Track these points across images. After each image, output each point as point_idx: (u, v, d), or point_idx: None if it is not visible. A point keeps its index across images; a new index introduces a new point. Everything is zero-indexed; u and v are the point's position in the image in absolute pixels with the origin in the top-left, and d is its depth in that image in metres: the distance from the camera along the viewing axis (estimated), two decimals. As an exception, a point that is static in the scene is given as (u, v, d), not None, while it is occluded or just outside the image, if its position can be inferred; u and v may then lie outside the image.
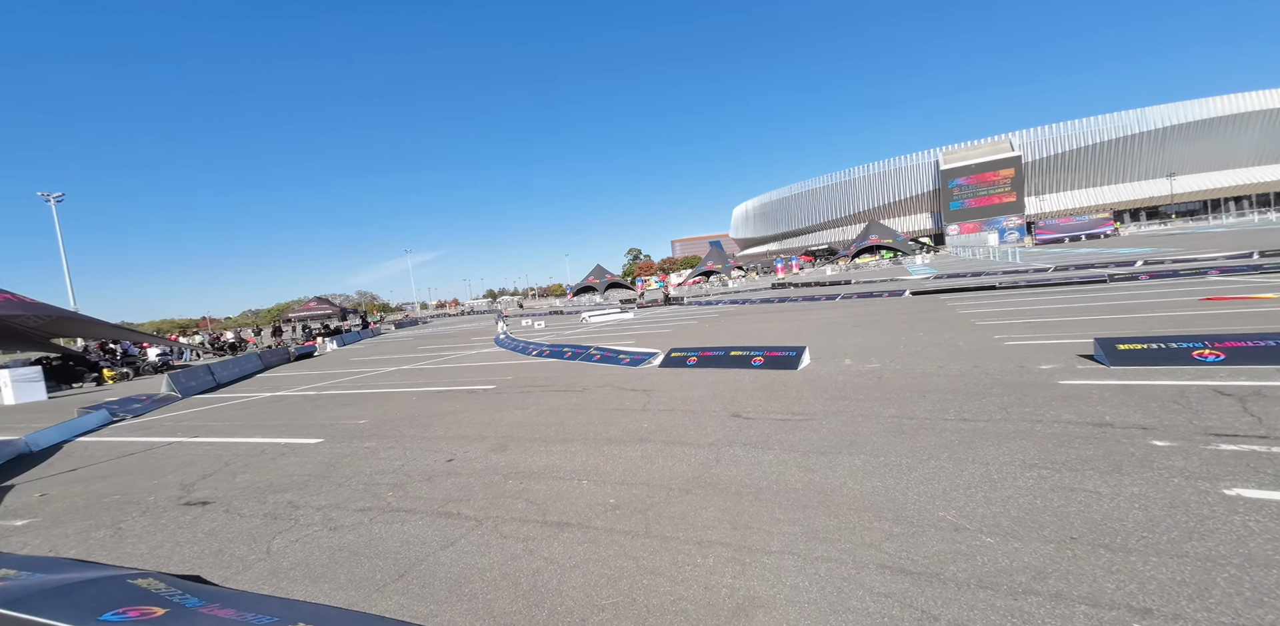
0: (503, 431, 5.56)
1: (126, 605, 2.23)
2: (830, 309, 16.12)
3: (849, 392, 5.53)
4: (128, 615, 2.14)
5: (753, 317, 15.90)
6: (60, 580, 2.54)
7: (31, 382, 12.96)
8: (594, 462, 4.21)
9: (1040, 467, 3.28)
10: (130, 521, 3.86)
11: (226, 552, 3.20)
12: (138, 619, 2.13)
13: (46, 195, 30.00)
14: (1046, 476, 3.16)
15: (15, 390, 12.60)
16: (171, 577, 2.70)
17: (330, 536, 3.33)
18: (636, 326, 17.38)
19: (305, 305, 36.51)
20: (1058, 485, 3.03)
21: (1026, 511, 2.78)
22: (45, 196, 29.97)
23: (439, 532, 3.25)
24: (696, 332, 13.41)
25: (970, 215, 68.10)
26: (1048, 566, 2.31)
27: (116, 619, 2.09)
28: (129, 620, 2.11)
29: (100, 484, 4.93)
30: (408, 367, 12.45)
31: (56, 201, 30.17)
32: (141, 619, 2.14)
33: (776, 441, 4.24)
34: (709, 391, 6.29)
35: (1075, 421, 4.02)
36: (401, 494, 4.00)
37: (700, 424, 4.96)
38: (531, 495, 3.71)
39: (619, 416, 5.62)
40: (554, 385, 7.98)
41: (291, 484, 4.46)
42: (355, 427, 6.46)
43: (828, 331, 10.69)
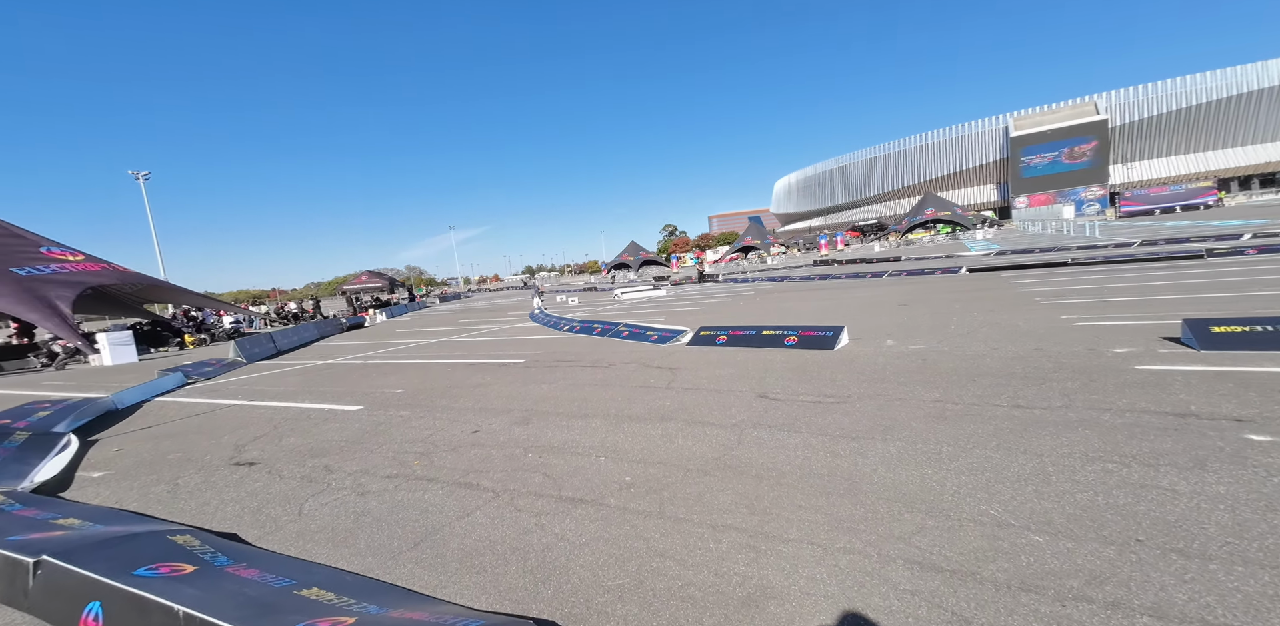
0: (528, 405, 5.59)
1: (161, 561, 2.34)
2: (875, 287, 15.24)
3: (888, 375, 5.15)
4: (159, 571, 2.25)
5: (790, 296, 15.27)
6: (110, 533, 2.73)
7: (124, 345, 14.31)
8: (613, 439, 4.13)
9: (1105, 461, 2.90)
10: (186, 478, 4.14)
11: (263, 513, 3.36)
12: (168, 575, 2.23)
13: (136, 174, 32.50)
14: (1112, 471, 2.78)
15: (112, 352, 13.98)
16: (209, 535, 2.84)
17: (357, 502, 3.43)
18: (668, 304, 17.12)
19: (358, 278, 38.40)
20: (1125, 481, 2.66)
21: (1084, 509, 2.45)
22: (135, 175, 32.48)
23: (457, 503, 3.27)
24: (729, 311, 13.02)
25: (1043, 186, 61.67)
26: (1106, 571, 2.01)
27: (148, 574, 2.19)
28: (160, 575, 2.21)
29: (168, 442, 5.35)
30: (447, 340, 12.84)
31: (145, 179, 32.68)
32: (171, 575, 2.23)
33: (804, 424, 3.99)
34: (736, 371, 6.05)
35: (1152, 411, 3.54)
36: (427, 463, 4.08)
37: (725, 404, 4.76)
38: (549, 469, 3.67)
39: (643, 393, 5.50)
40: (581, 360, 7.97)
41: (330, 448, 4.66)
42: (393, 396, 6.69)
43: (870, 310, 10.07)
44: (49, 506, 3.33)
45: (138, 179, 32.52)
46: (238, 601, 2.03)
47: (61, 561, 2.22)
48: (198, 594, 2.05)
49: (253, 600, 2.07)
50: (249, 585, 2.22)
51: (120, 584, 2.03)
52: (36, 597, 2.22)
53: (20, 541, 2.53)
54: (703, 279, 29.49)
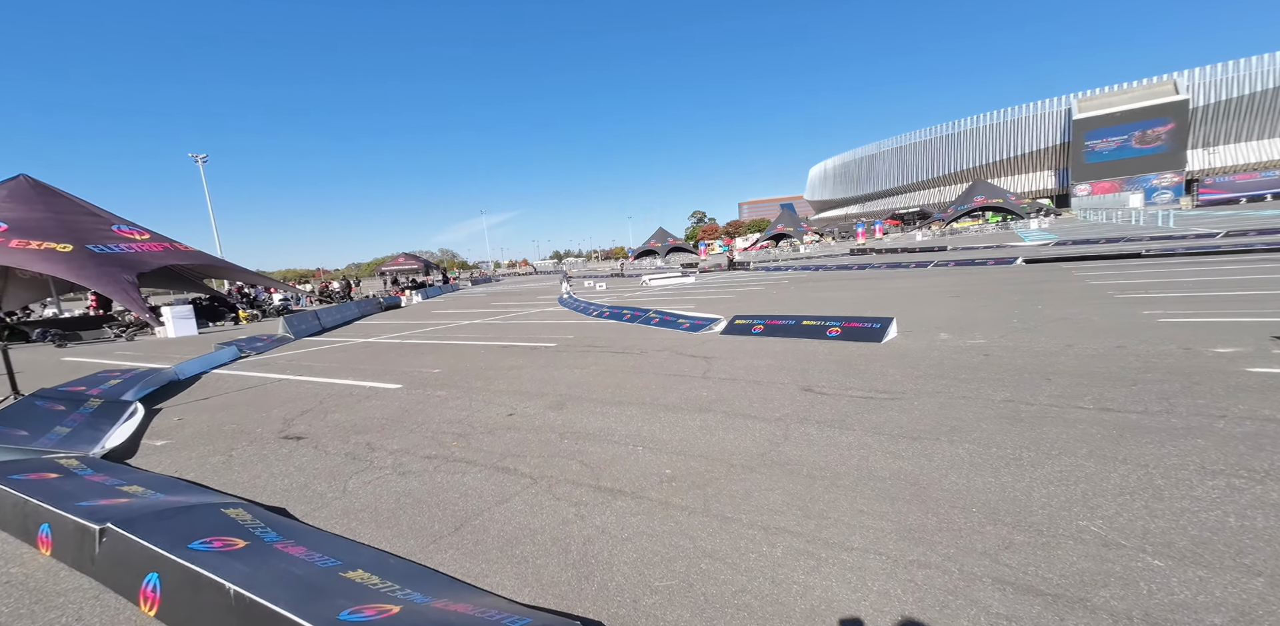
0: (561, 389, 5.53)
1: (214, 535, 2.36)
2: (920, 277, 14.44)
3: (946, 371, 4.79)
4: (213, 545, 2.26)
5: (827, 285, 14.68)
6: (170, 503, 2.80)
7: (186, 319, 15.18)
8: (650, 429, 3.99)
9: (1229, 475, 2.55)
10: (240, 450, 4.28)
11: (310, 488, 3.41)
12: (220, 549, 2.24)
13: (195, 156, 34.19)
14: (1241, 487, 2.44)
15: (175, 325, 14.86)
16: (260, 509, 2.88)
17: (398, 481, 3.44)
18: (697, 291, 16.80)
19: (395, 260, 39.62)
20: (1260, 500, 2.32)
21: (1214, 531, 2.14)
22: (195, 157, 34.18)
23: (495, 487, 3.22)
24: (763, 300, 12.63)
25: (1108, 172, 56.76)
26: (1257, 607, 1.72)
27: (202, 548, 2.21)
28: (213, 550, 2.22)
29: (223, 413, 5.58)
30: (480, 322, 13.01)
31: (203, 162, 34.36)
32: (223, 549, 2.24)
33: (856, 421, 3.74)
34: (775, 362, 5.79)
35: (1278, 419, 3.10)
36: (464, 444, 4.07)
37: (766, 396, 4.54)
38: (586, 457, 3.58)
39: (677, 382, 5.34)
40: (612, 346, 7.87)
41: (372, 426, 4.74)
42: (430, 376, 6.78)
43: (918, 302, 9.51)
44: (117, 472, 3.48)
45: (197, 161, 34.17)
46: (285, 581, 2.01)
47: (124, 530, 2.27)
48: (247, 570, 2.04)
49: (299, 580, 2.04)
50: (296, 563, 2.21)
51: (177, 557, 2.05)
52: (102, 564, 2.28)
53: (89, 507, 2.61)
54: (733, 266, 28.82)
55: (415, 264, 39.13)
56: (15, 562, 2.52)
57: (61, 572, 2.41)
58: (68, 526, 2.40)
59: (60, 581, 2.34)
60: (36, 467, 3.35)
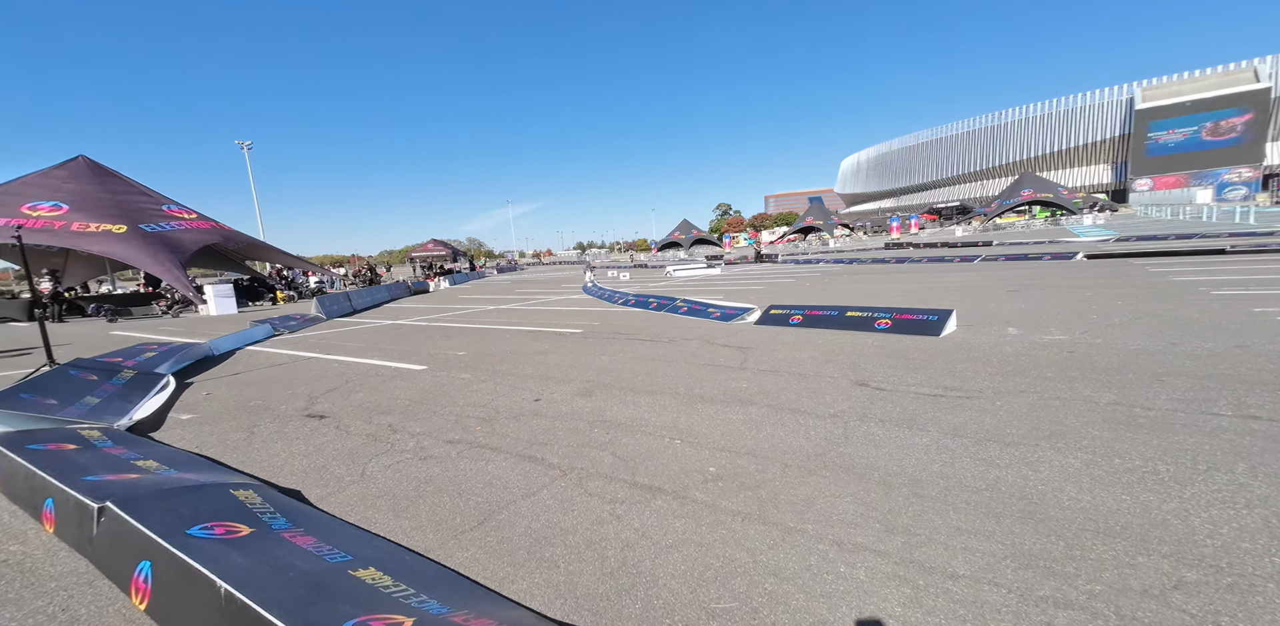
0: (589, 376, 5.23)
1: (218, 519, 2.13)
2: (969, 271, 13.52)
3: (1026, 368, 4.24)
4: (214, 531, 2.03)
5: (864, 278, 13.92)
6: (179, 481, 2.60)
7: (226, 298, 15.63)
8: (687, 421, 3.63)
9: None
10: (262, 427, 4.14)
11: (328, 470, 3.20)
12: (221, 536, 2.00)
13: (241, 143, 35.24)
14: None
15: (216, 303, 15.31)
16: (273, 491, 2.66)
17: (419, 466, 3.19)
18: (724, 282, 16.26)
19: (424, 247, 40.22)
20: None
21: None
22: (240, 144, 35.24)
23: (522, 478, 2.93)
24: (795, 292, 12.04)
25: (1173, 165, 52.19)
26: None
27: (202, 534, 1.98)
28: (214, 537, 1.99)
29: (251, 389, 5.51)
30: (505, 307, 12.89)
31: (248, 149, 35.40)
32: (225, 537, 2.00)
33: (929, 421, 3.28)
34: (820, 354, 5.32)
35: None
36: (489, 429, 3.80)
37: (815, 390, 4.10)
38: (618, 448, 3.25)
39: (712, 372, 4.95)
40: (639, 334, 7.54)
41: (395, 407, 4.54)
42: (455, 359, 6.60)
43: (972, 295, 8.79)
44: (136, 445, 3.35)
45: (243, 148, 35.21)
46: (286, 578, 1.75)
47: (123, 510, 2.06)
48: (247, 564, 1.79)
49: (303, 577, 1.78)
50: (302, 556, 1.95)
51: (171, 546, 1.81)
52: (99, 546, 2.09)
53: (95, 482, 2.44)
54: (760, 259, 27.98)
55: (444, 250, 39.65)
56: (18, 539, 2.37)
57: (60, 553, 2.23)
58: (70, 503, 2.22)
59: (57, 563, 2.16)
60: (57, 438, 3.24)
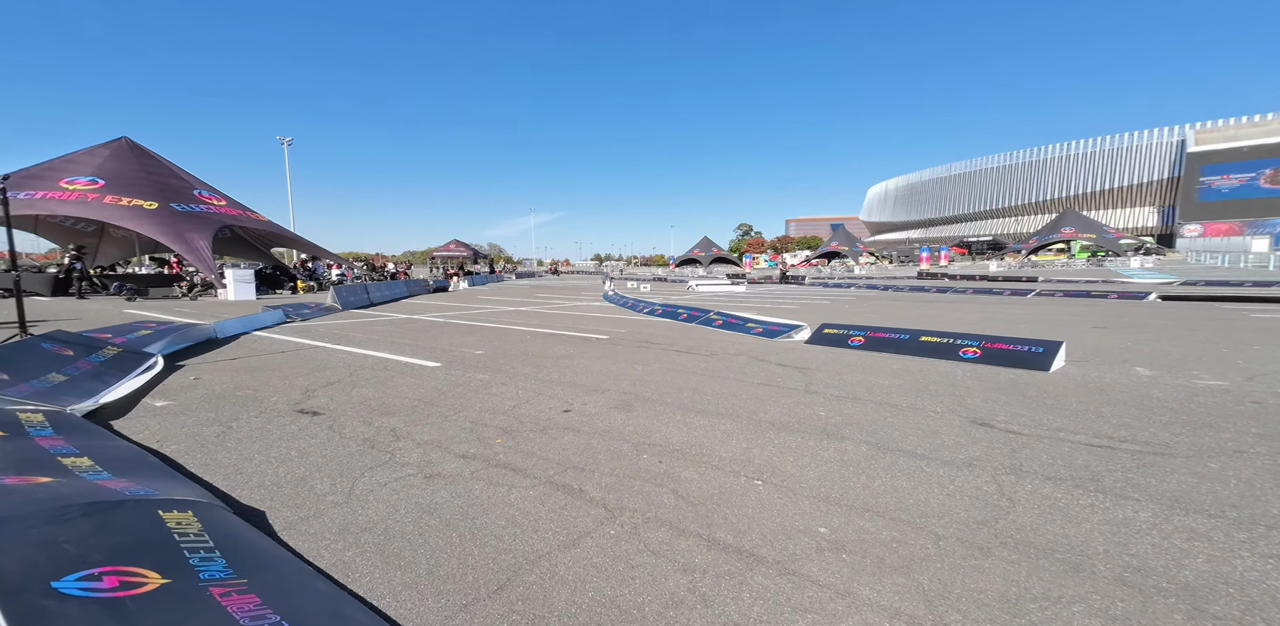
0: (624, 387, 4.49)
1: (117, 562, 1.41)
2: (1026, 305, 12.50)
3: (1213, 420, 3.31)
4: (99, 583, 1.30)
5: (908, 305, 13.00)
6: (98, 493, 1.90)
7: (246, 283, 15.31)
8: (763, 454, 2.85)
9: None
10: (243, 422, 3.46)
11: (307, 484, 2.48)
12: (107, 592, 1.28)
13: (282, 139, 35.97)
14: None
15: (235, 288, 14.98)
16: (223, 513, 1.94)
17: (423, 487, 2.46)
18: (751, 299, 15.48)
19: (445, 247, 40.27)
20: None
21: None
22: (281, 140, 35.97)
23: (556, 517, 2.17)
24: (833, 312, 11.20)
25: (1226, 212, 49.40)
26: None
27: (76, 591, 1.25)
28: (93, 595, 1.26)
29: (245, 376, 4.87)
30: (525, 309, 12.31)
31: (288, 145, 36.12)
32: (113, 594, 1.28)
33: (1125, 484, 2.41)
34: (901, 382, 4.50)
35: None
36: (511, 444, 3.07)
37: (922, 427, 3.28)
38: (679, 485, 2.48)
39: (773, 394, 4.17)
40: (673, 345, 6.81)
41: (401, 407, 3.84)
42: (472, 357, 5.92)
43: (1052, 329, 7.79)
44: (81, 435, 2.68)
45: (283, 144, 35.94)
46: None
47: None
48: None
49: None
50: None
51: (8, 620, 1.09)
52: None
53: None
54: (785, 280, 27.20)
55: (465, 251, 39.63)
56: None
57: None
58: (-76, 518, 1.53)
59: None
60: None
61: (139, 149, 18.14)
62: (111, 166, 16.76)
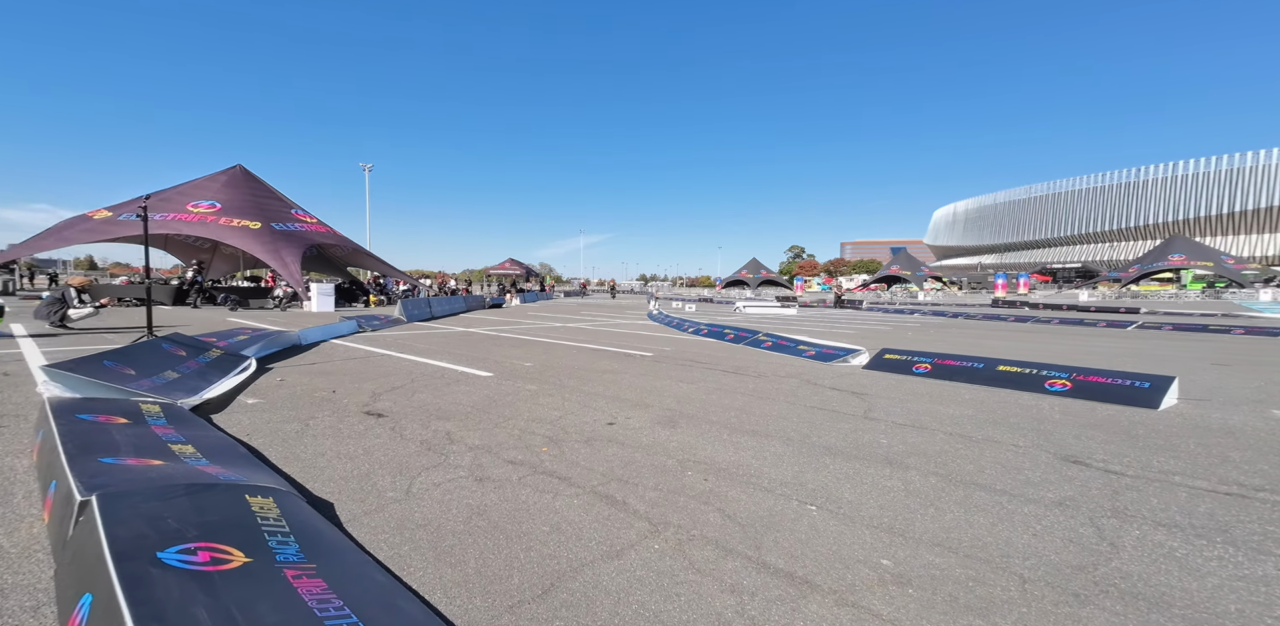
0: (668, 403, 4.44)
1: (210, 539, 1.54)
2: (1127, 338, 11.23)
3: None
4: (195, 557, 1.43)
5: (981, 333, 12.07)
6: (196, 476, 2.10)
7: (326, 296, 16.86)
8: (818, 479, 2.69)
9: None
10: (318, 420, 3.73)
11: (370, 480, 2.62)
12: (200, 566, 1.39)
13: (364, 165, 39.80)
14: None
15: (317, 301, 16.51)
16: (298, 502, 2.08)
17: (474, 490, 2.52)
18: (803, 323, 14.96)
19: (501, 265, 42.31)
20: None
21: None
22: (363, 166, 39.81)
23: (600, 527, 2.15)
24: (895, 339, 10.60)
25: None
26: None
27: (175, 562, 1.38)
28: (189, 566, 1.38)
29: (322, 379, 5.28)
30: (572, 326, 12.60)
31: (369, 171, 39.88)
32: (204, 566, 1.39)
33: (1270, 538, 2.05)
34: (976, 412, 4.14)
35: None
36: (556, 452, 3.09)
37: (1002, 461, 2.98)
38: (726, 504, 2.39)
39: (828, 419, 3.96)
40: (719, 364, 6.68)
41: (456, 412, 4.00)
42: (522, 369, 6.11)
43: (1160, 364, 6.91)
44: (186, 426, 3.00)
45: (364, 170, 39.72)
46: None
47: (102, 510, 1.53)
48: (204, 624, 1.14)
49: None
50: (295, 614, 1.29)
51: (118, 579, 1.21)
52: (67, 555, 1.56)
53: (105, 466, 1.99)
54: (840, 304, 26.08)
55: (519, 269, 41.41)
56: (7, 528, 1.93)
57: (37, 555, 1.75)
58: (64, 490, 1.76)
59: (23, 570, 1.66)
60: (113, 409, 2.96)
61: (249, 175, 20.71)
62: (227, 191, 19.20)
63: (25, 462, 2.60)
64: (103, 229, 17.32)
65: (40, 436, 2.54)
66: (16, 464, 2.59)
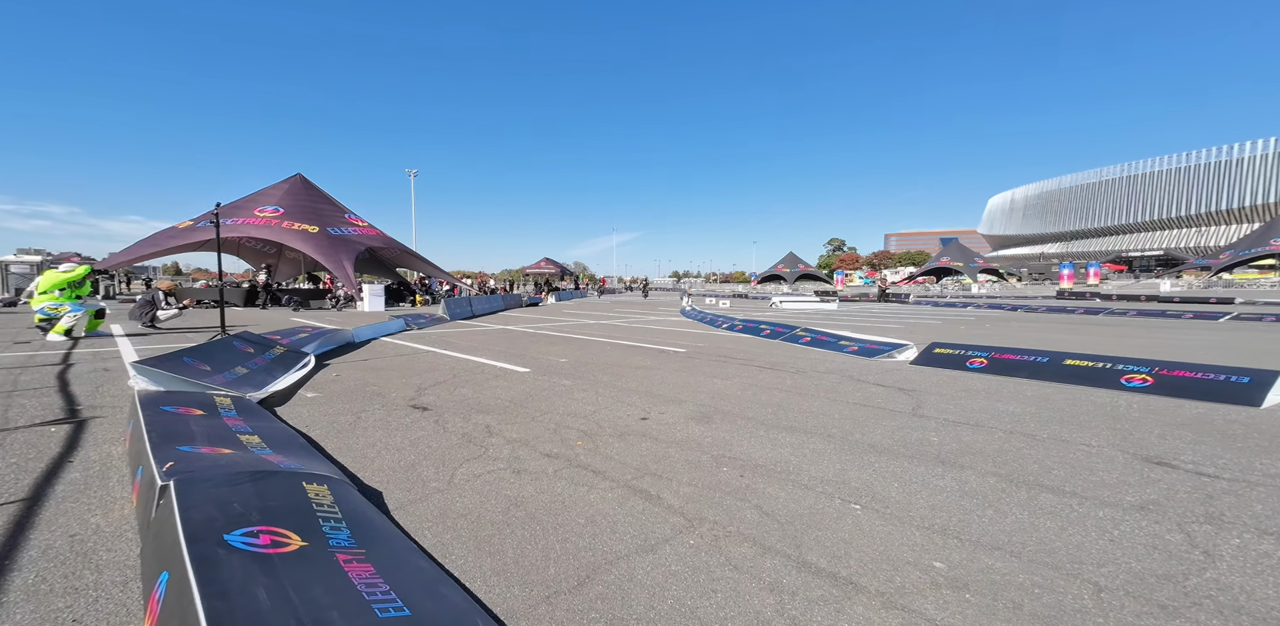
0: (702, 399, 4.38)
1: (270, 523, 1.64)
2: (1216, 331, 10.17)
3: None
4: (258, 540, 1.52)
5: (1045, 327, 11.22)
6: (259, 464, 2.25)
7: (377, 297, 17.88)
8: (862, 477, 2.57)
9: None
10: (369, 413, 3.93)
11: (416, 471, 2.72)
12: (262, 547, 1.49)
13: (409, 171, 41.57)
14: None
15: (369, 301, 17.55)
16: (349, 490, 2.19)
17: (512, 482, 2.57)
18: (844, 318, 14.41)
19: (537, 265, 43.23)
20: None
21: None
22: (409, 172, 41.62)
23: (634, 521, 2.14)
24: (946, 333, 10.03)
25: None
26: None
27: (240, 544, 1.47)
28: (252, 548, 1.47)
29: (373, 375, 5.57)
30: (605, 323, 12.71)
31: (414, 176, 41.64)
32: (265, 549, 1.48)
33: None
34: (1042, 411, 3.84)
35: None
36: (591, 446, 3.11)
37: (1074, 463, 2.75)
38: (764, 501, 2.32)
39: (872, 415, 3.78)
40: (755, 360, 6.53)
41: (495, 406, 4.11)
42: (557, 365, 6.21)
43: (1257, 361, 6.13)
44: (253, 417, 3.23)
45: (410, 175, 41.52)
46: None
47: (178, 495, 1.66)
48: (263, 603, 1.21)
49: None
50: (346, 597, 1.35)
51: (190, 559, 1.31)
52: (150, 536, 1.70)
53: (182, 454, 2.16)
54: (885, 298, 24.91)
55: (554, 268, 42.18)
56: (102, 510, 2.15)
57: (126, 535, 1.93)
58: (149, 474, 1.93)
59: (115, 548, 1.84)
60: (191, 402, 3.23)
61: (307, 183, 22.16)
62: (288, 198, 20.64)
63: (120, 449, 2.89)
64: (185, 236, 19.08)
65: (131, 426, 2.81)
66: (113, 451, 2.88)
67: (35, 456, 2.75)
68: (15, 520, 2.03)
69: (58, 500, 2.23)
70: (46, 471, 2.54)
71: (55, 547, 1.83)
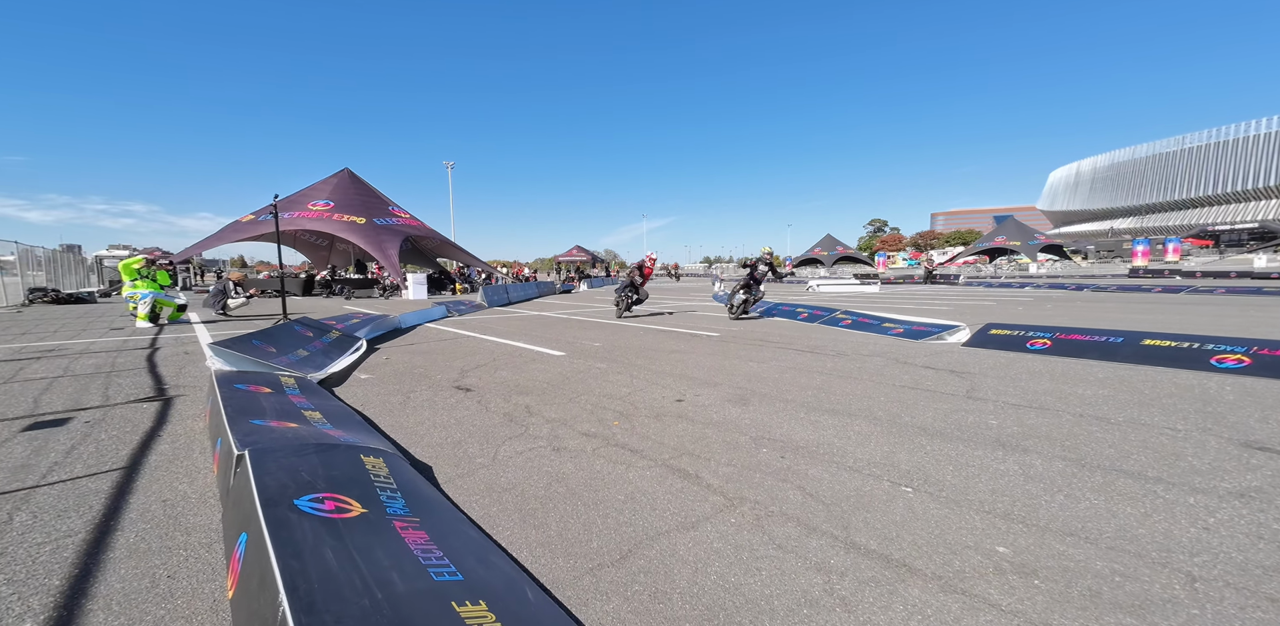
0: (738, 382, 4.30)
1: (334, 490, 1.74)
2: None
3: None
4: (323, 505, 1.62)
5: (1120, 306, 10.34)
6: (323, 437, 2.39)
7: (420, 285, 18.69)
8: (912, 460, 2.46)
9: None
10: (417, 393, 4.11)
11: (462, 448, 2.83)
12: (328, 512, 1.58)
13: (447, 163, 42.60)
14: None
15: (413, 289, 18.38)
16: (402, 463, 2.29)
17: (552, 459, 2.63)
18: (886, 300, 13.77)
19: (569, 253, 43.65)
20: None
21: None
22: (446, 164, 42.65)
23: (673, 498, 2.14)
24: (1002, 314, 9.40)
25: None
26: None
27: (309, 509, 1.57)
28: (319, 513, 1.57)
29: (420, 359, 5.82)
30: (636, 309, 12.68)
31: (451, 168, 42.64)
32: (330, 514, 1.57)
33: None
34: (1117, 394, 3.55)
35: None
36: (627, 426, 3.13)
37: (1159, 447, 2.53)
38: (807, 483, 2.26)
39: (922, 398, 3.60)
40: (793, 344, 6.35)
41: (534, 387, 4.21)
42: (591, 348, 6.27)
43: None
44: (315, 396, 3.44)
45: (447, 167, 42.51)
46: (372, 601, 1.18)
47: (253, 463, 1.79)
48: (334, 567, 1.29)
49: (394, 603, 1.21)
50: (404, 563, 1.41)
51: (265, 520, 1.41)
52: (229, 501, 1.85)
53: (254, 427, 2.33)
54: (931, 279, 23.54)
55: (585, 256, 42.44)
56: (188, 479, 2.35)
57: (210, 501, 2.11)
58: (227, 446, 2.09)
59: (201, 513, 2.01)
60: (260, 381, 3.47)
61: (354, 177, 23.16)
62: (337, 192, 21.66)
63: (200, 425, 3.16)
64: (248, 229, 20.46)
65: (210, 402, 3.06)
66: (195, 426, 3.16)
67: (131, 430, 3.05)
68: (118, 486, 2.26)
69: (151, 469, 2.46)
70: (141, 443, 2.82)
71: (150, 511, 2.02)
